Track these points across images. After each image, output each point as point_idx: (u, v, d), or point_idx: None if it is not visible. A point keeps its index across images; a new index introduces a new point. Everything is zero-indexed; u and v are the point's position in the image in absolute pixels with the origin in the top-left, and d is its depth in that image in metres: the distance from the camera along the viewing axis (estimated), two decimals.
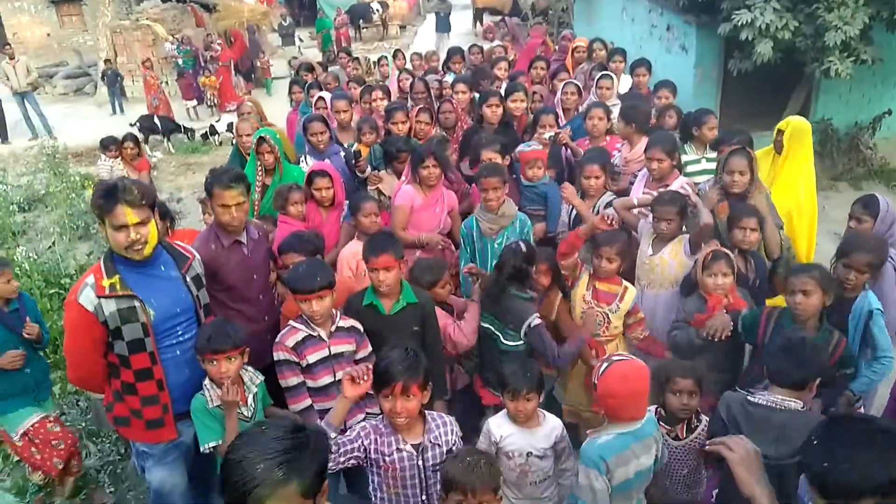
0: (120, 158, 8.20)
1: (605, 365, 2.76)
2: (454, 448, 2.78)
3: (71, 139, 13.83)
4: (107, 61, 16.33)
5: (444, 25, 19.11)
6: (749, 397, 2.76)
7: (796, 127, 4.93)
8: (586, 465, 2.72)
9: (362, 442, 2.71)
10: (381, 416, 2.79)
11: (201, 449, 3.08)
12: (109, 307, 2.88)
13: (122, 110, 15.86)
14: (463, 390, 4.09)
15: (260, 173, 5.06)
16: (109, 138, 8.31)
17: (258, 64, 16.21)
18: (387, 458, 2.68)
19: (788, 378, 2.69)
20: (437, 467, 2.73)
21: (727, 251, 3.68)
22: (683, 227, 4.07)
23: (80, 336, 2.96)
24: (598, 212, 4.40)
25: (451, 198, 4.75)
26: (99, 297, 2.87)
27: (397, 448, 2.69)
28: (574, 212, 4.57)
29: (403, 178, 4.81)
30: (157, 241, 3.01)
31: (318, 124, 5.44)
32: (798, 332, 3.15)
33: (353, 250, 4.17)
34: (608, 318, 3.81)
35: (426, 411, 2.81)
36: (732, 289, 3.62)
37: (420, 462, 2.72)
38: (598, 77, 6.41)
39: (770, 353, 2.86)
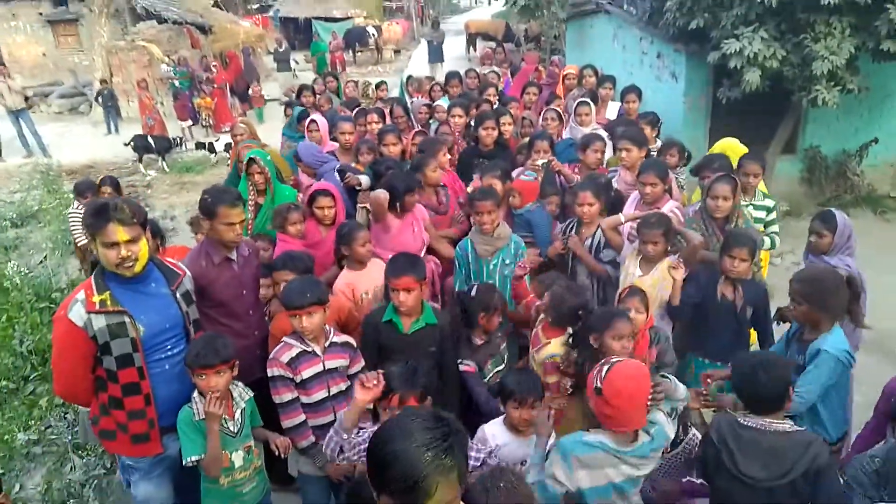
0: None
1: (606, 367, 2.68)
2: (487, 459, 2.84)
3: (65, 157, 13.91)
4: (102, 81, 16.44)
5: (436, 55, 19.26)
6: (739, 419, 2.77)
7: (727, 147, 5.46)
8: (555, 451, 2.72)
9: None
10: None
11: (184, 462, 3.07)
12: (99, 323, 2.90)
13: (116, 130, 15.93)
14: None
15: (252, 193, 5.09)
16: (85, 182, 6.86)
17: (250, 92, 16.25)
18: None
19: (762, 404, 2.70)
20: None
21: (642, 289, 3.72)
22: (669, 249, 4.11)
23: (68, 351, 2.97)
24: (598, 241, 4.47)
25: (420, 211, 4.80)
26: (89, 312, 2.89)
27: None
28: (594, 245, 4.57)
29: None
30: (148, 258, 3.04)
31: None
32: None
33: (346, 280, 4.11)
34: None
35: None
36: (643, 330, 3.59)
37: None
38: (576, 104, 6.43)
39: (737, 384, 2.84)
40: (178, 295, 3.18)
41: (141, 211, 3.00)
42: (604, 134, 5.89)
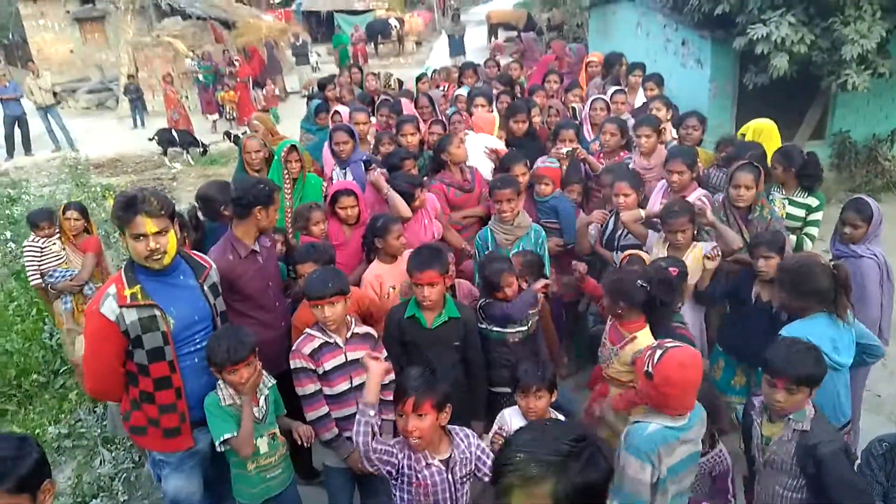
0: (59, 235, 5.53)
1: (659, 352, 2.66)
2: (481, 460, 2.77)
3: (93, 151, 14.13)
4: (129, 76, 16.65)
5: (457, 48, 19.07)
6: None
7: (757, 129, 5.29)
8: (635, 456, 2.65)
9: (398, 454, 2.73)
10: None
11: (216, 443, 3.09)
12: (131, 316, 2.93)
13: (142, 124, 16.16)
14: None
15: (287, 182, 5.10)
16: (40, 212, 5.64)
17: (263, 93, 16.20)
18: (419, 475, 2.69)
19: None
20: (465, 480, 2.77)
21: (640, 254, 3.85)
22: (696, 235, 4.10)
23: (101, 345, 2.99)
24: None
25: (431, 202, 4.80)
26: (121, 306, 2.92)
27: (426, 464, 2.70)
28: (606, 231, 4.58)
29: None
30: (176, 250, 3.06)
31: (342, 133, 5.55)
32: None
33: (375, 272, 4.09)
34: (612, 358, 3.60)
35: (449, 426, 2.80)
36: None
37: (450, 476, 2.72)
38: (611, 92, 6.47)
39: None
40: (205, 287, 3.21)
41: (168, 203, 3.00)
42: (631, 122, 5.86)
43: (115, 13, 19.24)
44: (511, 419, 3.21)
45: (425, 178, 5.12)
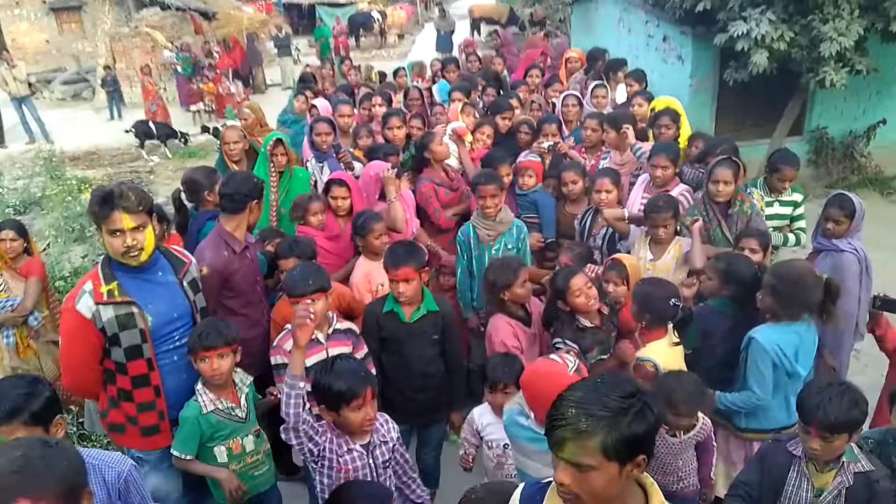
0: None
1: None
2: (397, 445, 2.90)
3: (68, 143, 13.90)
4: (106, 67, 16.39)
5: (444, 45, 18.97)
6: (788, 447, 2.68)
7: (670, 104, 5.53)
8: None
9: (321, 436, 2.76)
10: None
11: (171, 451, 3.06)
12: (107, 314, 2.88)
13: (119, 116, 15.93)
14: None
15: (274, 175, 5.04)
16: None
17: (233, 91, 15.75)
18: (340, 460, 2.73)
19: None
20: (386, 464, 2.83)
21: (622, 259, 3.80)
22: (678, 230, 4.12)
23: (77, 343, 2.95)
24: (614, 232, 4.45)
25: (410, 199, 4.83)
26: (97, 303, 2.87)
27: (348, 449, 2.75)
28: (608, 235, 4.56)
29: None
30: (154, 246, 3.01)
31: (324, 125, 5.50)
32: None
33: (364, 270, 4.07)
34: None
35: None
36: (627, 301, 3.59)
37: (371, 461, 2.78)
38: (592, 87, 6.47)
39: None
40: (185, 283, 3.15)
41: (147, 198, 2.94)
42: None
43: (93, 3, 18.94)
44: (481, 416, 3.25)
45: (406, 174, 5.10)
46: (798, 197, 4.77)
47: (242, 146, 5.31)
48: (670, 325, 3.33)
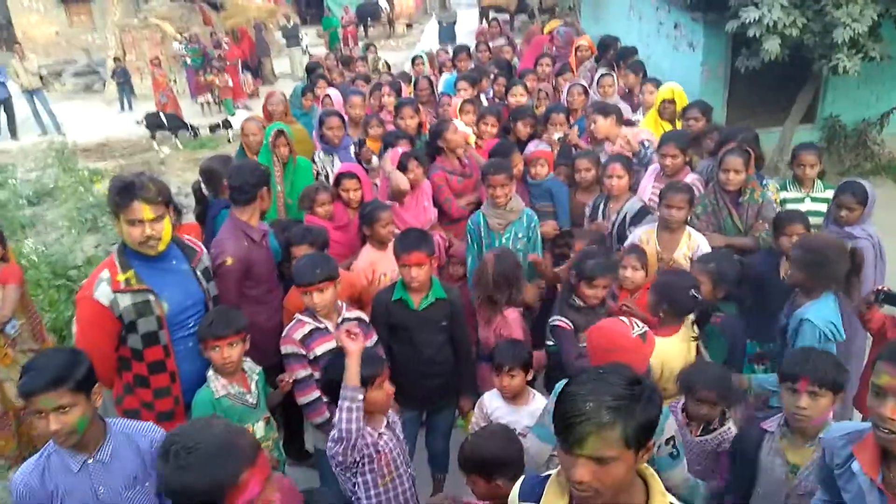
0: None
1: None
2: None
3: (79, 135, 13.96)
4: (116, 59, 16.44)
5: (447, 36, 18.88)
6: None
7: (680, 94, 5.54)
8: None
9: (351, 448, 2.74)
10: None
11: None
12: (125, 301, 2.92)
13: (130, 107, 15.98)
14: None
15: (277, 166, 5.07)
16: None
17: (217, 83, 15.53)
18: (377, 449, 2.75)
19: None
20: (406, 439, 2.94)
21: (641, 247, 3.80)
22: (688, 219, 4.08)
23: (94, 331, 2.98)
24: (626, 216, 4.41)
25: (428, 187, 4.85)
26: (115, 291, 2.91)
27: (379, 434, 2.78)
28: (618, 222, 4.50)
29: (381, 182, 4.92)
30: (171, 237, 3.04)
31: (335, 119, 5.51)
32: None
33: (368, 259, 4.10)
34: None
35: None
36: (645, 287, 3.62)
37: (396, 436, 2.86)
38: (598, 76, 6.41)
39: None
40: (197, 272, 3.20)
41: (165, 189, 2.98)
42: (625, 107, 5.84)
43: None
44: (490, 401, 3.29)
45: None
46: (830, 193, 4.49)
47: (261, 138, 5.32)
48: (689, 320, 3.31)
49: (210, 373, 3.13)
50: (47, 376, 2.19)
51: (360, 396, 2.66)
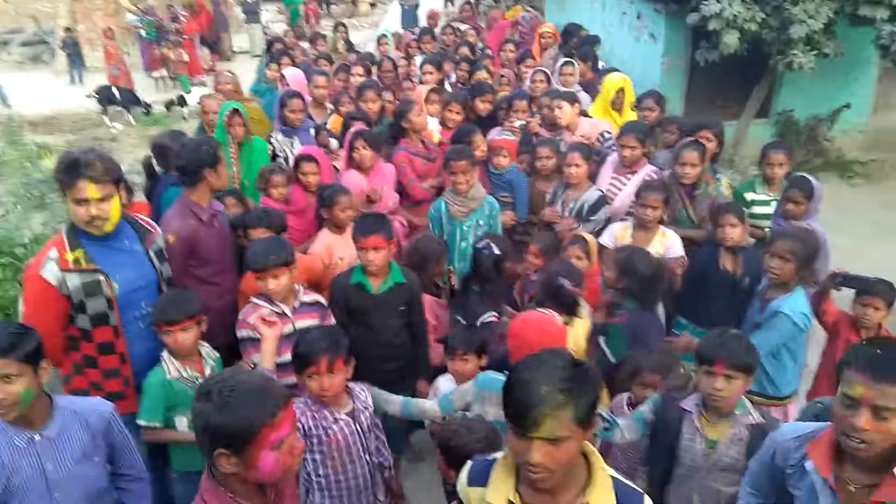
0: None
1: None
2: (376, 426, 2.93)
3: (27, 108, 13.45)
4: (66, 29, 15.85)
5: (409, 20, 18.63)
6: None
7: (630, 85, 5.72)
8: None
9: (299, 419, 2.73)
10: (306, 395, 2.80)
11: (137, 421, 3.02)
12: (73, 281, 2.85)
13: (80, 80, 15.44)
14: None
15: (233, 146, 4.95)
16: None
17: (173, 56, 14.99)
18: (328, 432, 2.73)
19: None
20: (370, 429, 2.87)
21: (585, 236, 3.93)
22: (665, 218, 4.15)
23: (41, 310, 2.90)
24: (584, 206, 4.46)
25: (391, 172, 4.81)
26: (63, 271, 2.83)
27: (335, 419, 2.74)
28: (576, 210, 4.56)
29: (343, 164, 4.86)
30: (120, 216, 2.97)
31: (298, 101, 5.40)
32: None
33: (325, 243, 4.07)
34: None
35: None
36: (592, 276, 3.79)
37: (357, 427, 2.80)
38: (560, 64, 6.41)
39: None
40: (150, 252, 3.14)
41: (114, 167, 2.89)
42: (584, 95, 5.87)
43: None
44: (444, 385, 3.33)
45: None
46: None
47: None
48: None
49: (164, 354, 3.08)
50: None
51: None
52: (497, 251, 3.84)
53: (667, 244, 4.06)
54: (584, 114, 5.56)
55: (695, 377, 2.76)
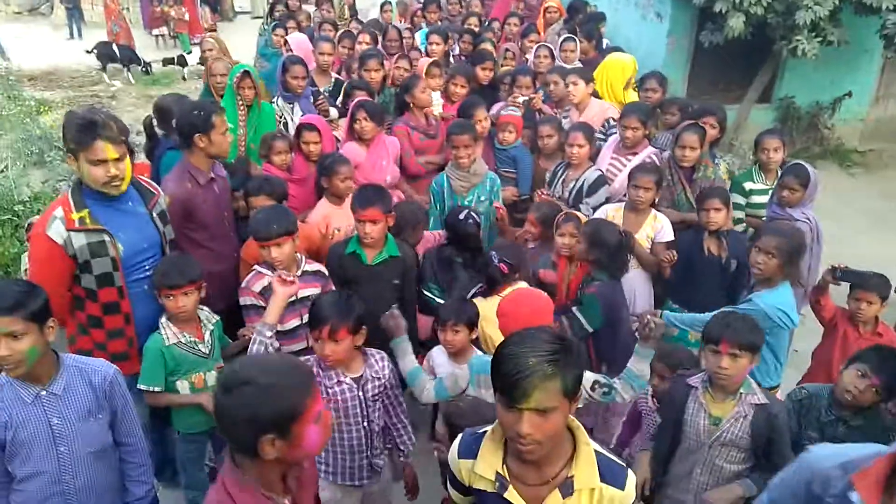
0: None
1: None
2: (388, 382, 2.92)
3: (25, 61, 13.28)
4: None
5: None
6: None
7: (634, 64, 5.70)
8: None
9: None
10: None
11: (138, 385, 3.08)
12: (79, 241, 2.88)
13: (79, 35, 15.28)
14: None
15: (241, 109, 4.93)
16: None
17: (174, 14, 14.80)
18: (329, 391, 2.77)
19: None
20: (376, 398, 2.88)
21: (578, 214, 3.92)
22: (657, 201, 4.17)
23: (47, 269, 2.93)
24: (583, 185, 4.48)
25: (393, 146, 4.79)
26: (69, 230, 2.86)
27: (338, 381, 2.78)
28: (575, 190, 4.55)
29: (344, 134, 4.83)
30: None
31: (300, 68, 5.36)
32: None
33: (323, 212, 4.08)
34: None
35: (365, 349, 2.89)
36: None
37: (360, 394, 2.82)
38: (561, 40, 6.36)
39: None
40: (154, 214, 3.16)
41: (125, 128, 2.93)
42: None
43: None
44: (437, 356, 3.36)
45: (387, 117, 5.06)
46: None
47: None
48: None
49: (163, 319, 3.12)
50: (2, 302, 2.21)
51: (268, 333, 2.80)
52: (478, 219, 3.87)
53: (657, 227, 4.10)
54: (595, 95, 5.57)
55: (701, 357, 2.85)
